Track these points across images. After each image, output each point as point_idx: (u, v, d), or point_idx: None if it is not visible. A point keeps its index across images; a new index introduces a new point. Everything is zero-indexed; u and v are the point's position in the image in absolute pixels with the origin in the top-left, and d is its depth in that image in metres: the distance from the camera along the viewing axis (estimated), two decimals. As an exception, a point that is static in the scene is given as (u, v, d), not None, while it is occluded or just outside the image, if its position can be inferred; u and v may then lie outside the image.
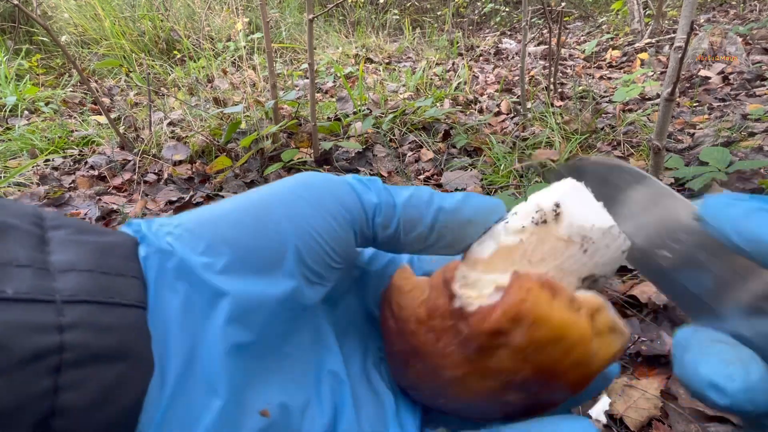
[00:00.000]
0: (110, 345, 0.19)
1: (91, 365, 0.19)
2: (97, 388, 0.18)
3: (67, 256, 0.20)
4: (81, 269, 0.20)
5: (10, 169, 1.90)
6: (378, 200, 0.27)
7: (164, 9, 3.75)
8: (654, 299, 0.96)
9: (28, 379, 0.17)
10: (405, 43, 4.67)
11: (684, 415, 0.77)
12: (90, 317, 0.19)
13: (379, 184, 0.29)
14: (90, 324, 0.19)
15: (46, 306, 0.18)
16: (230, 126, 1.81)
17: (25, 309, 0.18)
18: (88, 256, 0.21)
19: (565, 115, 2.14)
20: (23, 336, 0.17)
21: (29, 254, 0.19)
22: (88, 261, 0.21)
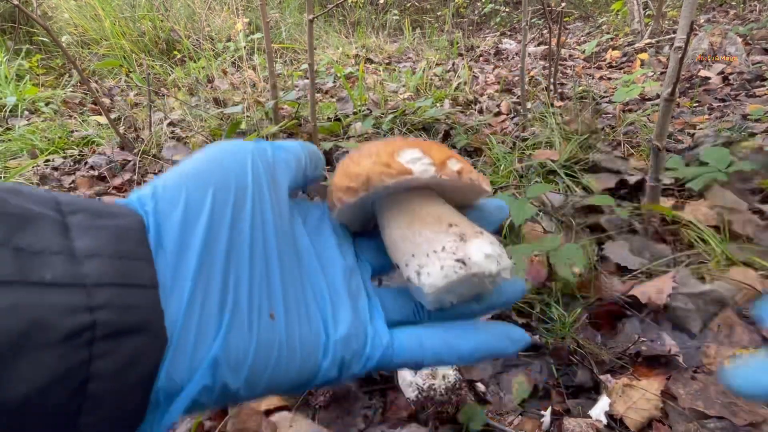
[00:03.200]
0: (132, 322, 0.23)
1: (117, 339, 0.23)
2: (122, 357, 0.23)
3: (89, 242, 0.24)
4: (103, 255, 0.24)
5: (10, 169, 1.90)
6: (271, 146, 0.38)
7: (164, 9, 3.75)
8: (654, 299, 0.96)
9: (69, 351, 0.21)
10: (405, 43, 4.67)
11: (684, 415, 0.77)
12: (115, 299, 0.23)
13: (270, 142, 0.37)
14: (115, 305, 0.23)
15: (79, 289, 0.22)
16: (230, 126, 1.81)
17: (61, 293, 0.21)
18: (107, 242, 0.25)
19: (565, 116, 2.14)
20: (63, 316, 0.21)
21: (58, 241, 0.23)
22: (108, 247, 0.24)
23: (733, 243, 1.16)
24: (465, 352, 0.34)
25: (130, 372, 0.23)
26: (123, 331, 0.23)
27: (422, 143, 0.38)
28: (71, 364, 0.21)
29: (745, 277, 0.99)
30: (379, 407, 0.83)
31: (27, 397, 0.20)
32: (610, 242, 1.19)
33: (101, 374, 0.22)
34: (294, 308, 0.32)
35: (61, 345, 0.21)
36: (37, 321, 0.20)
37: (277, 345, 0.29)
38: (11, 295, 0.20)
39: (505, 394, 0.85)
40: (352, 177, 0.37)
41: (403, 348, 0.34)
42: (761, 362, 0.32)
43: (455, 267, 0.34)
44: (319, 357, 0.31)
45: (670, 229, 1.25)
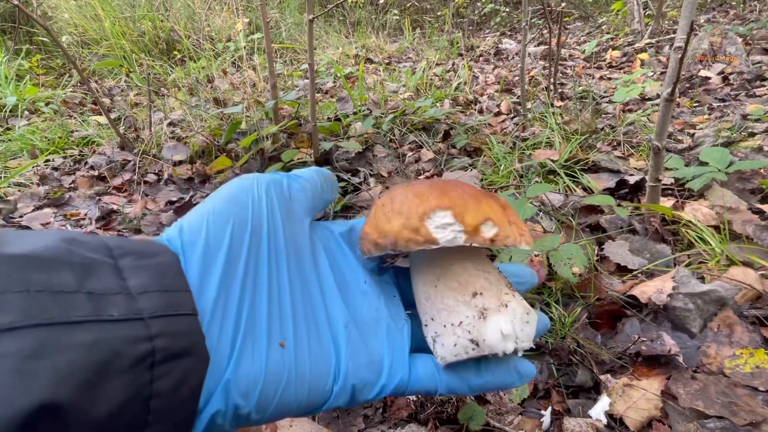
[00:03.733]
0: (183, 345, 0.28)
1: (171, 361, 0.27)
2: (176, 377, 0.27)
3: (139, 280, 0.28)
4: (152, 290, 0.28)
5: (11, 169, 1.90)
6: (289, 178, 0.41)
7: (164, 9, 3.75)
8: (654, 299, 0.96)
9: (137, 374, 0.25)
10: (405, 43, 4.67)
11: (684, 415, 0.77)
12: (167, 328, 0.27)
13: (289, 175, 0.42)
14: (168, 333, 0.27)
15: (139, 322, 0.26)
16: (230, 126, 1.81)
17: (127, 326, 0.26)
18: (153, 279, 0.29)
19: (565, 116, 2.14)
20: (131, 345, 0.25)
21: (117, 282, 0.27)
22: (155, 283, 0.29)
23: (733, 243, 1.16)
24: (476, 386, 0.37)
25: (183, 389, 0.27)
26: (176, 355, 0.27)
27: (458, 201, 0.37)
28: (138, 385, 0.25)
29: (745, 277, 0.99)
30: (379, 407, 0.83)
31: (109, 413, 0.24)
32: (610, 242, 1.19)
33: (161, 392, 0.26)
34: (305, 337, 0.34)
35: (131, 370, 0.25)
36: (113, 351, 0.24)
37: (287, 372, 0.32)
38: (93, 332, 0.24)
39: (505, 394, 0.85)
40: (381, 234, 0.37)
41: (419, 378, 0.37)
42: None
43: (468, 348, 0.35)
44: (330, 383, 0.34)
45: (670, 229, 1.25)
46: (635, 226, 1.26)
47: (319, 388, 0.33)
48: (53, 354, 0.22)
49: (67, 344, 0.23)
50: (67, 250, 0.27)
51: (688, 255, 1.15)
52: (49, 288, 0.24)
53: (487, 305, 0.36)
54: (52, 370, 0.22)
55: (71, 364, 0.22)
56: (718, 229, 1.20)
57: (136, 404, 0.25)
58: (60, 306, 0.24)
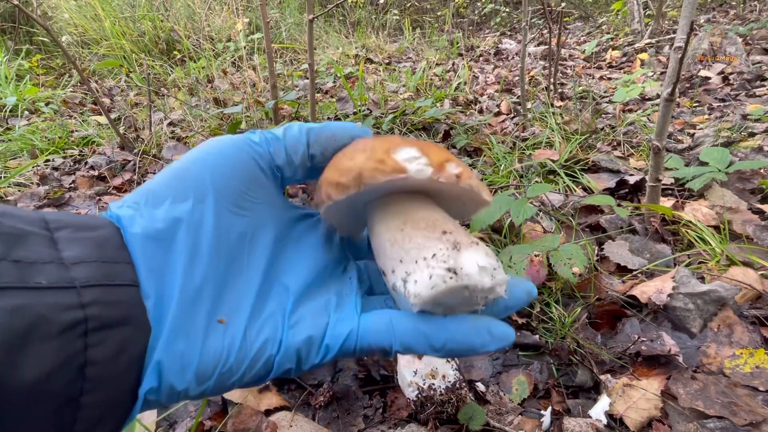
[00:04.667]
0: (118, 315, 0.27)
1: (107, 330, 0.26)
2: (113, 345, 0.27)
3: (75, 251, 0.28)
4: (88, 261, 0.28)
5: (11, 169, 1.90)
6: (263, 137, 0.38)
7: (164, 9, 3.75)
8: (654, 299, 0.96)
9: (67, 341, 0.25)
10: (405, 43, 4.67)
11: (684, 415, 0.77)
12: (102, 297, 0.27)
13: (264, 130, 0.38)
14: (102, 301, 0.27)
15: (70, 291, 0.26)
16: (230, 126, 1.81)
17: (56, 294, 0.25)
18: (90, 250, 0.29)
19: (565, 116, 2.14)
20: (60, 312, 0.25)
21: (49, 252, 0.27)
22: (92, 254, 0.28)
23: (733, 243, 1.16)
24: (438, 342, 0.32)
25: (121, 358, 0.27)
26: (111, 323, 0.27)
27: (421, 143, 0.36)
28: (70, 352, 0.25)
29: (745, 277, 0.99)
30: (379, 407, 0.83)
31: (37, 381, 0.23)
32: (610, 242, 1.19)
33: (96, 360, 0.26)
34: (249, 309, 0.33)
35: (60, 336, 0.24)
36: (38, 317, 0.24)
37: (227, 348, 0.31)
38: (16, 298, 0.24)
39: (505, 394, 0.85)
40: (342, 172, 0.34)
41: (369, 330, 0.33)
42: None
43: (445, 276, 0.31)
44: (273, 353, 0.32)
45: (670, 229, 1.25)
46: (635, 226, 1.26)
47: (263, 358, 0.32)
48: None
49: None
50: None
51: (688, 255, 1.15)
52: None
53: (460, 240, 0.33)
54: None
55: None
56: (718, 229, 1.20)
57: (68, 371, 0.25)
58: None
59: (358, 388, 0.87)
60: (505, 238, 1.24)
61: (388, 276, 0.35)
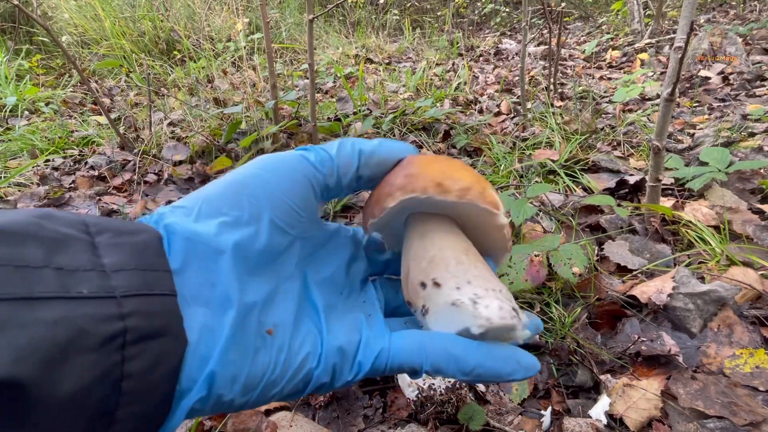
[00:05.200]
0: (157, 326, 0.27)
1: (144, 342, 0.26)
2: (149, 358, 0.26)
3: (115, 258, 0.28)
4: (128, 269, 0.27)
5: (11, 169, 1.90)
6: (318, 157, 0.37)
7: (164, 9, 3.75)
8: (654, 299, 0.96)
9: (106, 354, 0.24)
10: (405, 43, 4.67)
11: (684, 415, 0.77)
12: (141, 307, 0.26)
13: (317, 147, 0.38)
14: (142, 312, 0.26)
15: (110, 300, 0.25)
16: (230, 126, 1.81)
17: (97, 304, 0.25)
18: (130, 257, 0.28)
19: (565, 116, 2.14)
20: (99, 324, 0.24)
21: (90, 259, 0.26)
22: (132, 261, 0.28)
23: (733, 243, 1.16)
24: (467, 366, 0.33)
25: (156, 371, 0.26)
26: (149, 335, 0.26)
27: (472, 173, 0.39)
28: (108, 365, 0.24)
29: (745, 277, 0.99)
30: (379, 407, 0.83)
31: (75, 393, 0.23)
32: (610, 242, 1.19)
33: (133, 373, 0.25)
34: (291, 323, 0.34)
35: (100, 349, 0.24)
36: (79, 330, 0.23)
37: (274, 360, 0.32)
38: (58, 309, 0.23)
39: (505, 394, 0.85)
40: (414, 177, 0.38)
41: (401, 351, 0.34)
42: None
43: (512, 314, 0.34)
44: (312, 367, 0.33)
45: (670, 229, 1.25)
46: (635, 226, 1.26)
47: (303, 371, 0.33)
48: (13, 330, 0.21)
49: (29, 320, 0.22)
50: (38, 224, 0.26)
51: (688, 255, 1.15)
52: (12, 262, 0.23)
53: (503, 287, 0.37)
54: (11, 346, 0.21)
55: (33, 341, 0.22)
56: (718, 229, 1.20)
57: (105, 385, 0.24)
58: (24, 281, 0.23)
59: (358, 388, 0.87)
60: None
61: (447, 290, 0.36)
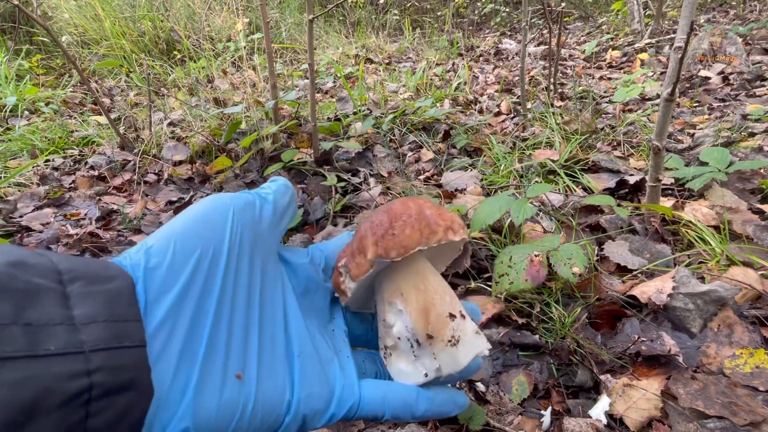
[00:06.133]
0: (123, 381, 0.27)
1: (110, 397, 0.26)
2: (114, 412, 0.26)
3: (86, 309, 0.27)
4: (98, 320, 0.27)
5: (11, 169, 1.90)
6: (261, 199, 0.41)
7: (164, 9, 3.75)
8: (654, 299, 0.96)
9: (69, 412, 0.24)
10: (405, 43, 4.67)
11: (684, 415, 0.77)
12: (108, 362, 0.26)
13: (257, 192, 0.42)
14: (108, 367, 0.26)
15: (78, 356, 0.25)
16: (230, 126, 1.81)
17: (64, 361, 0.25)
18: (101, 307, 0.28)
19: (565, 116, 2.14)
20: (65, 382, 0.24)
21: (60, 312, 0.26)
22: (102, 312, 0.28)
23: (733, 243, 1.16)
24: (418, 413, 0.39)
25: (122, 424, 0.26)
26: (115, 390, 0.26)
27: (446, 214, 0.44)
28: (72, 422, 0.24)
29: (745, 277, 0.99)
30: (379, 407, 0.83)
31: None
32: (610, 242, 1.19)
33: (96, 428, 0.25)
34: (262, 368, 0.35)
35: (64, 407, 0.24)
36: (44, 389, 0.23)
37: (242, 404, 0.32)
38: (23, 369, 0.23)
39: (505, 394, 0.85)
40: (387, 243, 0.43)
41: (368, 404, 0.38)
42: None
43: (485, 349, 0.41)
44: (282, 413, 0.34)
45: (670, 229, 1.25)
46: (635, 226, 1.26)
47: (272, 419, 0.34)
48: None
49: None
50: (10, 275, 0.26)
51: (688, 255, 1.15)
52: None
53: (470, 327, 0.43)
54: None
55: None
56: (718, 229, 1.20)
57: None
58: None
59: (358, 388, 0.87)
60: (505, 238, 1.24)
61: (469, 321, 0.42)
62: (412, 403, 0.39)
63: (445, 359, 0.39)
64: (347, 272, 0.42)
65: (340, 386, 0.38)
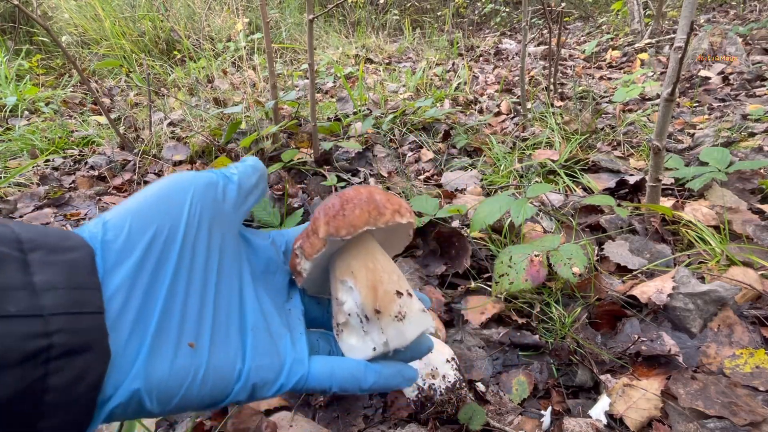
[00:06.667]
0: (81, 343, 0.28)
1: (68, 357, 0.27)
2: (73, 372, 0.28)
3: (46, 276, 0.29)
4: (58, 287, 0.29)
5: (11, 169, 1.90)
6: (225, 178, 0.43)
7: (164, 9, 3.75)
8: (654, 299, 0.96)
9: (28, 370, 0.26)
10: (405, 43, 4.67)
11: (684, 415, 0.77)
12: (68, 324, 0.28)
13: (222, 171, 0.43)
14: (68, 329, 0.28)
15: (37, 319, 0.27)
16: (230, 126, 1.81)
17: (23, 322, 0.26)
18: (61, 276, 0.29)
19: (565, 116, 2.14)
20: (23, 341, 0.26)
21: (21, 278, 0.28)
22: (62, 280, 0.29)
23: (733, 243, 1.16)
24: (366, 385, 0.41)
25: (80, 384, 0.28)
26: (74, 350, 0.28)
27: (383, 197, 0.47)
28: (31, 379, 0.26)
29: (745, 277, 0.99)
30: (380, 407, 0.83)
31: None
32: (610, 242, 1.19)
33: (56, 387, 0.27)
34: (215, 339, 0.36)
35: (23, 364, 0.26)
36: (3, 346, 0.25)
37: (193, 372, 0.34)
38: None
39: (505, 394, 0.85)
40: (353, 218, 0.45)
41: (316, 377, 0.40)
42: None
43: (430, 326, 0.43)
44: (232, 381, 0.36)
45: (670, 229, 1.25)
46: (635, 226, 1.26)
47: (222, 385, 0.35)
48: None
49: None
50: None
51: (688, 255, 1.15)
52: None
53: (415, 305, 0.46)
54: None
55: None
56: (718, 229, 1.20)
57: (28, 398, 0.26)
58: None
59: (358, 388, 0.87)
60: (505, 238, 1.24)
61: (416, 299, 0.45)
62: (360, 376, 0.41)
63: (392, 333, 0.42)
64: (302, 252, 0.44)
65: (291, 360, 0.40)
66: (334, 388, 0.40)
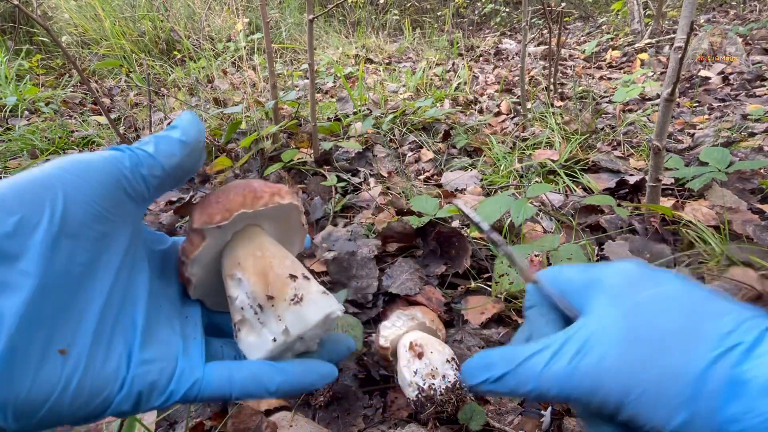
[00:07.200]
0: None
1: None
2: None
3: None
4: None
5: (11, 169, 1.90)
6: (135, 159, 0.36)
7: (164, 9, 3.75)
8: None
9: None
10: (405, 43, 4.67)
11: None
12: None
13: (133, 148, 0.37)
14: None
15: None
16: (230, 126, 1.81)
17: None
18: None
19: (565, 116, 2.14)
20: None
21: None
22: None
23: (733, 243, 1.16)
24: (272, 387, 0.37)
25: None
26: None
27: None
28: None
29: (745, 277, 0.99)
30: (379, 407, 0.83)
31: None
32: (610, 242, 1.19)
33: None
34: (95, 343, 0.32)
35: None
36: None
37: (64, 379, 0.30)
38: None
39: (505, 394, 0.85)
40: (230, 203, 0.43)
41: (212, 383, 0.37)
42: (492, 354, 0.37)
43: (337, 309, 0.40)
44: (115, 390, 0.32)
45: (670, 229, 1.25)
46: (635, 226, 1.26)
47: (103, 395, 0.32)
48: None
49: None
50: None
51: (688, 255, 1.15)
52: None
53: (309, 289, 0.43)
54: None
55: None
56: (718, 229, 1.20)
57: None
58: None
59: (358, 388, 0.87)
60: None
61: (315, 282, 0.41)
62: (263, 377, 0.37)
63: (291, 318, 0.38)
64: (184, 254, 0.41)
65: (182, 366, 0.37)
66: (235, 393, 0.37)
